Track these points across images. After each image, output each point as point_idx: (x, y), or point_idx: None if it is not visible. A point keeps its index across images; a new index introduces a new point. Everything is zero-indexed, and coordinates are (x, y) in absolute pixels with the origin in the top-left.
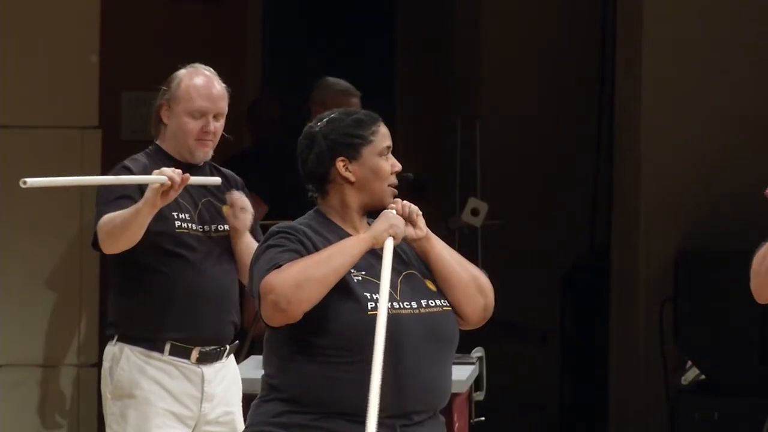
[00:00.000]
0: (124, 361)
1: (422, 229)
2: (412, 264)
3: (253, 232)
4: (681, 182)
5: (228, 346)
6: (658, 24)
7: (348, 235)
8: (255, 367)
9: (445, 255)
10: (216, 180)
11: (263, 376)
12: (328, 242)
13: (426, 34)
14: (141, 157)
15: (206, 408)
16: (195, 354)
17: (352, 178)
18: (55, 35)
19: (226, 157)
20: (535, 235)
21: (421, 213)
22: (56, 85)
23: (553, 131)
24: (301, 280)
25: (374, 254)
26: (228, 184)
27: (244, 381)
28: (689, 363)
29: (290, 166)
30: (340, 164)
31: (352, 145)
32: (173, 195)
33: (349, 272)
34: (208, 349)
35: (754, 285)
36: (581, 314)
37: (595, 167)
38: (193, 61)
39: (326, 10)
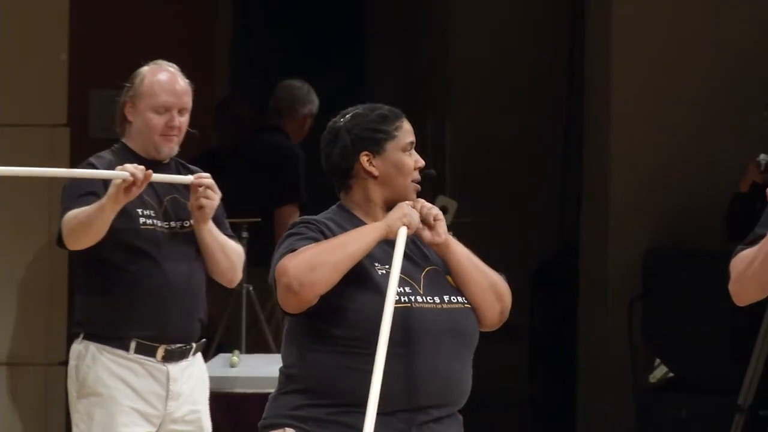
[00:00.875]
0: (89, 359)
1: (440, 234)
2: (435, 260)
3: (219, 224)
4: (649, 181)
5: (194, 344)
6: (627, 21)
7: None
8: (222, 365)
9: (465, 262)
10: (187, 178)
11: (281, 369)
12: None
13: (396, 34)
14: (106, 155)
15: (171, 406)
16: (161, 352)
17: (376, 173)
18: (25, 34)
19: (192, 152)
20: (505, 233)
21: (442, 218)
22: (25, 84)
23: (522, 130)
24: (314, 263)
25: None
26: None
27: (211, 379)
28: (657, 361)
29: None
30: (364, 159)
31: (376, 140)
32: (136, 192)
33: (373, 265)
34: (173, 347)
35: (737, 288)
36: (551, 312)
37: (564, 166)
38: (163, 61)
39: (297, 9)
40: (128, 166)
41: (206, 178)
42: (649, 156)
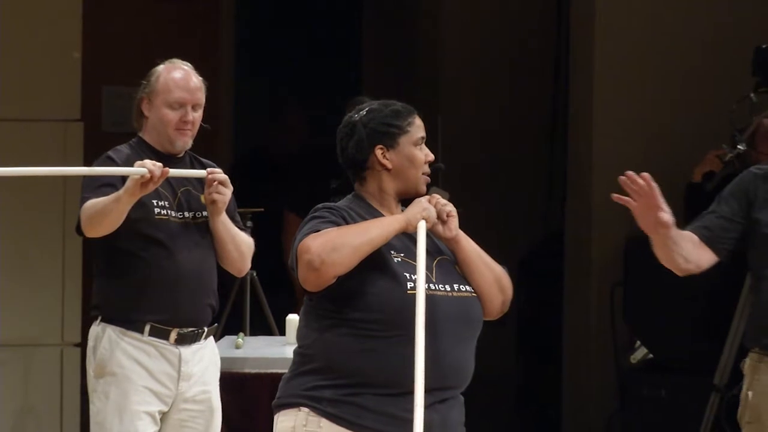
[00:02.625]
0: (105, 340)
1: (452, 230)
2: (445, 251)
3: (231, 217)
4: (633, 168)
5: (206, 329)
6: (609, 20)
7: (384, 216)
8: (228, 347)
9: (473, 257)
10: (201, 173)
11: (296, 350)
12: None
13: (391, 34)
14: (124, 148)
15: (183, 387)
16: (173, 335)
17: (389, 165)
18: (40, 33)
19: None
20: (494, 221)
21: (455, 214)
22: (41, 80)
23: (510, 123)
24: (337, 244)
25: (411, 239)
26: None
27: (247, 359)
28: (638, 342)
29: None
30: (378, 152)
31: (389, 134)
32: (152, 187)
33: (390, 253)
34: (186, 330)
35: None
36: (537, 297)
37: (551, 158)
38: (169, 58)
39: (296, 10)
40: (147, 162)
41: (219, 173)
42: (630, 149)
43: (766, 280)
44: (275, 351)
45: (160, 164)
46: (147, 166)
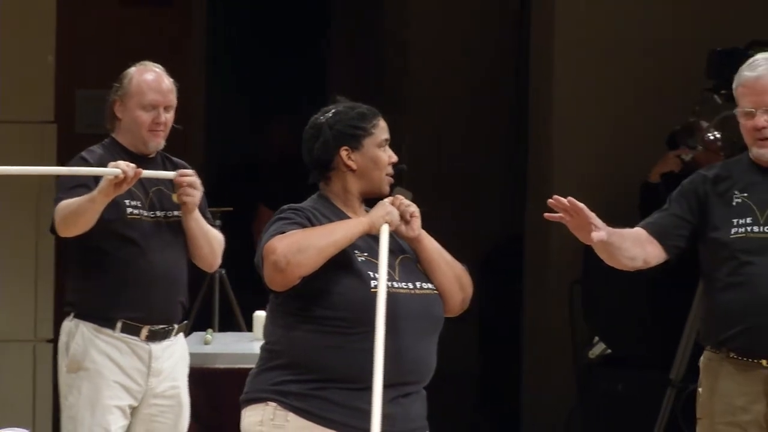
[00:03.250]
0: (78, 336)
1: (414, 230)
2: (407, 249)
3: (203, 214)
4: (588, 176)
5: (176, 326)
6: (570, 25)
7: (348, 217)
8: (197, 342)
9: (435, 256)
10: (169, 174)
11: (263, 346)
12: (331, 222)
13: (357, 40)
14: (97, 149)
15: (153, 382)
16: (144, 332)
17: (354, 166)
18: (15, 37)
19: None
20: (456, 221)
21: (418, 214)
22: (16, 83)
23: (471, 128)
24: (302, 245)
25: (375, 238)
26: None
27: (216, 355)
28: (596, 339)
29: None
30: (343, 153)
31: (355, 136)
32: (126, 187)
33: (354, 252)
34: (157, 327)
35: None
36: (498, 295)
37: (512, 159)
38: (142, 61)
39: (266, 16)
40: (120, 163)
41: (189, 174)
42: (588, 152)
43: (716, 281)
44: (243, 347)
45: (133, 165)
46: (121, 167)
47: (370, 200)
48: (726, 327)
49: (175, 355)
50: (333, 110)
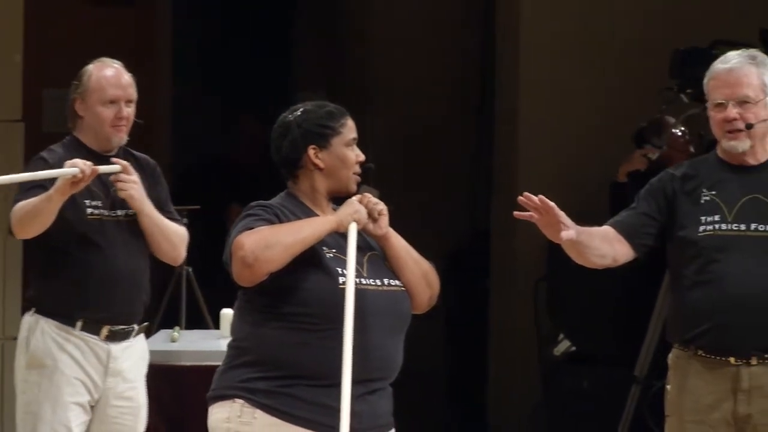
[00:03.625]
0: (39, 332)
1: (382, 228)
2: (375, 246)
3: (162, 208)
4: (553, 175)
5: (136, 326)
6: (535, 23)
7: (316, 215)
8: (164, 340)
9: (402, 253)
10: (114, 167)
11: (230, 343)
12: (299, 219)
13: (324, 40)
14: (57, 148)
15: (111, 382)
16: (104, 332)
17: (322, 165)
18: None
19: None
20: (423, 220)
21: (385, 212)
22: None
23: (438, 128)
24: (270, 242)
25: (343, 235)
26: (140, 167)
27: (154, 353)
28: (561, 336)
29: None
30: (311, 152)
31: (323, 135)
32: (83, 185)
33: (322, 249)
34: (117, 328)
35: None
36: (464, 293)
37: (477, 161)
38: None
39: (230, 16)
40: (77, 161)
41: (130, 172)
42: (552, 152)
43: (683, 279)
44: (210, 344)
45: (89, 163)
46: (78, 165)
47: (339, 198)
48: (694, 325)
49: (134, 356)
50: (301, 109)
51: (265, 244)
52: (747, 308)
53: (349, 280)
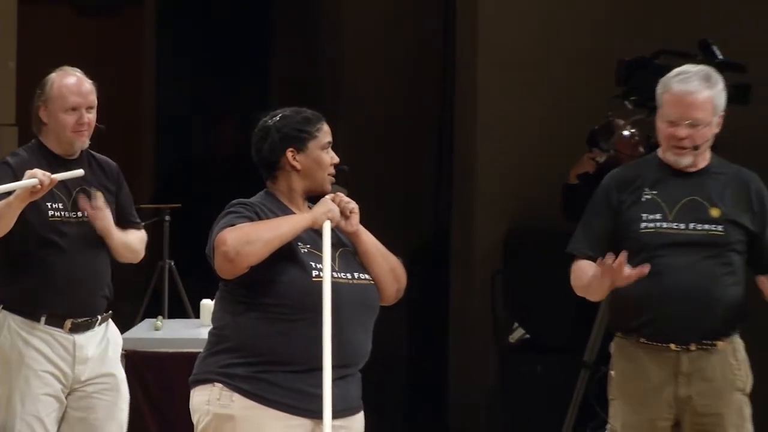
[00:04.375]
0: (5, 329)
1: (353, 225)
2: (346, 242)
3: (125, 209)
4: (509, 174)
5: (99, 317)
6: (492, 28)
7: (293, 213)
8: (148, 329)
9: (372, 249)
10: (78, 173)
11: (211, 330)
12: (277, 216)
13: (298, 41)
14: (21, 152)
15: (79, 369)
16: (68, 324)
17: (299, 167)
18: None
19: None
20: (388, 217)
21: (357, 211)
22: None
23: (402, 129)
24: (251, 238)
25: (317, 231)
26: (102, 170)
27: (138, 341)
28: (516, 324)
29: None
30: (289, 154)
31: (300, 138)
32: (41, 193)
33: (297, 244)
34: (79, 320)
35: (583, 294)
36: (426, 284)
37: (439, 160)
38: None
39: (210, 26)
40: (37, 172)
41: (92, 202)
42: (509, 151)
43: None
44: (191, 332)
45: (48, 174)
46: (37, 176)
47: (314, 197)
48: (636, 315)
49: (102, 344)
50: (280, 114)
51: (246, 240)
52: (686, 300)
53: (326, 273)
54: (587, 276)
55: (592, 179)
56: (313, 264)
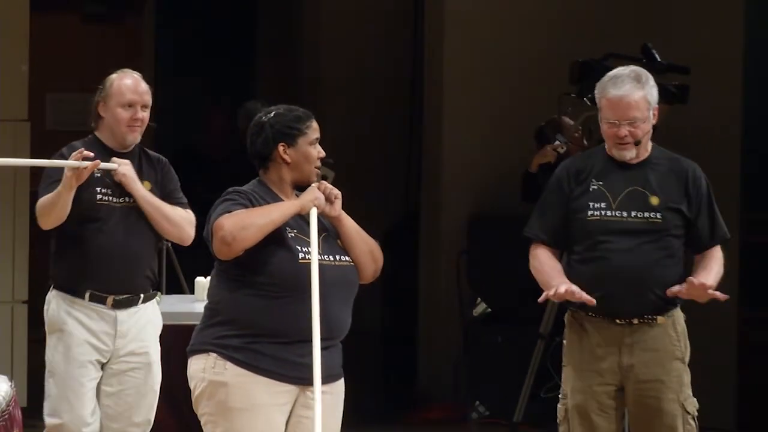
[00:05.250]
0: (54, 304)
1: (336, 210)
2: (328, 227)
3: (170, 194)
4: (473, 162)
5: (142, 295)
6: (459, 23)
7: (282, 201)
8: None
9: (352, 233)
10: (112, 166)
11: (207, 305)
12: (269, 204)
13: (281, 46)
14: (77, 144)
15: (120, 343)
16: (110, 301)
17: (289, 160)
18: None
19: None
20: (363, 202)
21: (340, 197)
22: None
23: (376, 123)
24: (246, 223)
25: (303, 218)
26: (152, 165)
27: (163, 314)
28: (479, 299)
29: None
30: (280, 148)
31: (291, 134)
32: (86, 175)
33: (285, 229)
34: (121, 297)
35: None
36: (398, 264)
37: (409, 150)
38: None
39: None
40: (81, 148)
41: (116, 165)
42: (473, 143)
43: (575, 254)
44: (187, 306)
45: (90, 153)
46: (76, 146)
47: (301, 186)
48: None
49: (142, 320)
50: (274, 111)
51: (241, 226)
52: (628, 280)
53: (314, 255)
54: (543, 272)
55: (552, 169)
56: (299, 247)
